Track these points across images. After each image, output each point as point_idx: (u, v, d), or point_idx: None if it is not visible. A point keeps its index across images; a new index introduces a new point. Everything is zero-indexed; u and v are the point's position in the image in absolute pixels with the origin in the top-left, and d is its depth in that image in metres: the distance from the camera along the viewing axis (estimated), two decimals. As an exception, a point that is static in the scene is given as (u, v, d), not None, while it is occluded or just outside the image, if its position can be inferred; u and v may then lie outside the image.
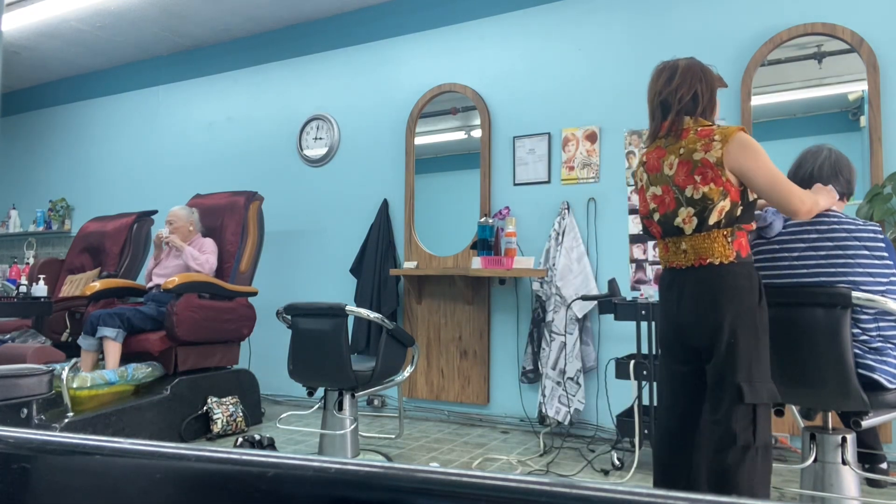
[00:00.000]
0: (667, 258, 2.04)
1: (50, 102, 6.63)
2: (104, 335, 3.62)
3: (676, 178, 1.95)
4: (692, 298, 1.94)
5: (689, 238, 1.95)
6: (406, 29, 4.67)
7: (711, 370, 1.91)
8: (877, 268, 2.06)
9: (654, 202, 2.03)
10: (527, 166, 4.16)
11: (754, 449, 1.84)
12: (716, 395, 1.90)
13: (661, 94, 2.03)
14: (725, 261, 1.90)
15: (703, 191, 1.89)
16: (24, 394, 2.25)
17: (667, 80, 2.03)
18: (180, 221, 4.15)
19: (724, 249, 1.90)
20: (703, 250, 1.92)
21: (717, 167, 1.88)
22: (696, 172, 1.90)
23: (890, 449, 2.97)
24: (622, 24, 3.95)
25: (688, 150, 1.93)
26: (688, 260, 1.95)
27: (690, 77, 2.01)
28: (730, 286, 1.89)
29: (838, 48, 3.39)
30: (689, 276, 1.95)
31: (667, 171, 1.98)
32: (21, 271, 5.12)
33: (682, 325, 1.98)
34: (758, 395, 1.85)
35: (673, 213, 1.96)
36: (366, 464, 0.43)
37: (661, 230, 2.02)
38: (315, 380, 3.17)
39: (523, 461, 3.33)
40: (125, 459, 0.49)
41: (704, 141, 1.91)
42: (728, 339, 1.86)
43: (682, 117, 1.99)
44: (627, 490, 0.38)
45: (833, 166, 2.19)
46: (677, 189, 1.95)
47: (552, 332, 3.78)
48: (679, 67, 2.03)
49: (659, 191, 2.00)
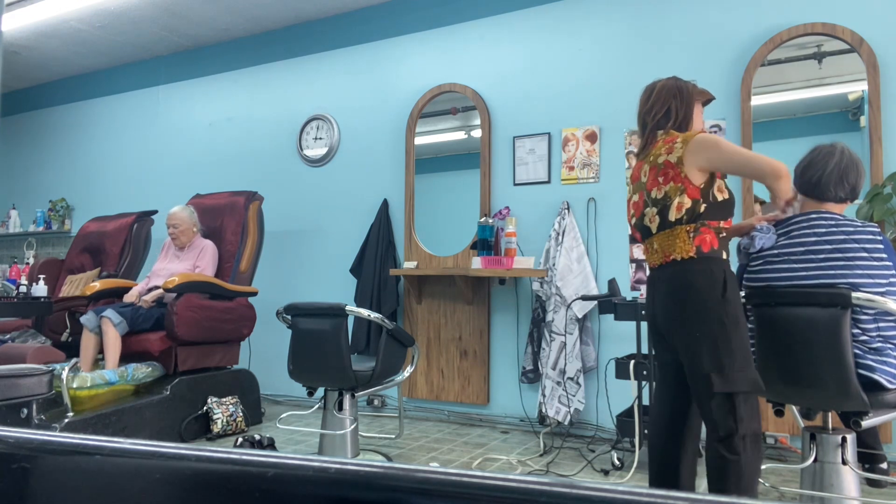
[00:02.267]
0: (647, 258, 2.16)
1: (50, 102, 6.63)
2: (106, 316, 3.61)
3: (648, 184, 2.10)
4: (661, 295, 2.07)
5: (657, 237, 2.07)
6: (406, 29, 4.67)
7: (684, 362, 2.00)
8: (876, 269, 2.06)
9: (633, 208, 2.19)
10: (527, 166, 4.16)
11: (739, 437, 1.87)
12: (693, 390, 2.00)
13: (640, 114, 2.22)
14: (686, 256, 1.99)
15: (664, 190, 2.03)
16: (24, 394, 2.25)
17: (645, 100, 2.20)
18: (184, 224, 4.15)
19: (685, 245, 1.99)
20: (667, 247, 2.03)
21: (676, 166, 2.00)
22: (660, 174, 2.05)
23: (890, 449, 2.97)
24: (622, 24, 3.95)
25: (655, 156, 2.09)
26: (658, 258, 2.08)
27: (665, 95, 2.15)
28: (687, 282, 1.98)
29: (838, 48, 3.39)
30: (659, 273, 2.08)
31: (643, 178, 2.14)
32: (21, 271, 5.12)
33: (656, 320, 2.11)
34: (731, 383, 1.88)
35: (643, 214, 2.12)
36: (366, 464, 0.43)
37: (640, 234, 2.17)
38: (315, 380, 3.17)
39: (523, 461, 3.33)
40: (125, 459, 0.49)
41: (668, 146, 2.06)
42: (691, 333, 1.95)
43: (656, 132, 2.15)
44: (627, 490, 0.38)
45: (841, 174, 2.15)
46: (647, 193, 2.10)
47: (552, 332, 3.78)
48: (655, 87, 2.18)
49: (637, 198, 2.17)
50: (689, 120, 2.15)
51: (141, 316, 3.76)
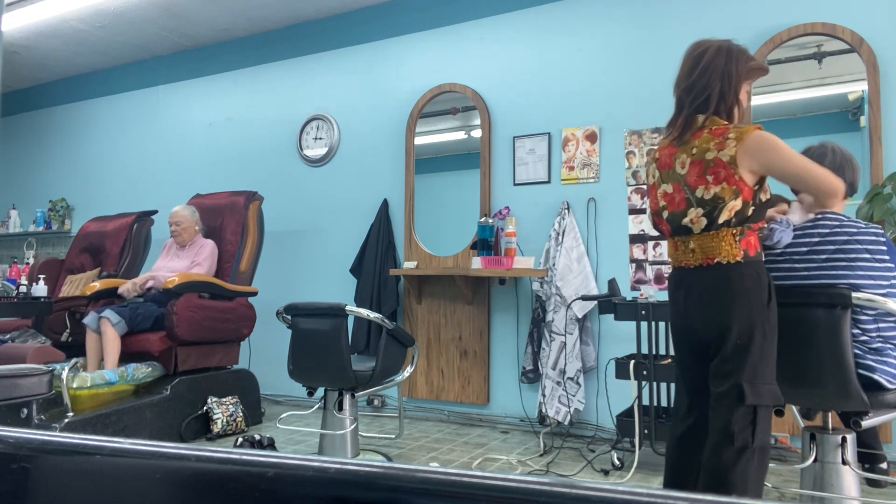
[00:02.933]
0: (676, 257, 2.01)
1: (50, 102, 6.63)
2: (105, 316, 3.62)
3: (688, 178, 1.90)
4: (699, 298, 1.92)
5: (696, 237, 1.91)
6: (406, 29, 4.67)
7: (715, 367, 1.89)
8: (878, 271, 2.06)
9: (664, 200, 1.99)
10: (527, 166, 4.16)
11: (751, 450, 1.82)
12: (717, 393, 1.88)
13: (679, 86, 1.97)
14: (732, 260, 1.86)
15: (714, 191, 1.85)
16: (24, 394, 2.25)
17: (687, 71, 1.95)
18: (187, 222, 4.17)
19: (732, 248, 1.86)
20: (710, 249, 1.89)
21: (730, 166, 1.83)
22: (708, 172, 1.86)
23: (890, 449, 2.97)
24: (622, 24, 3.95)
25: (700, 149, 1.88)
26: (695, 259, 1.92)
27: (710, 74, 1.91)
28: (737, 286, 1.85)
29: (838, 48, 3.39)
30: (697, 275, 1.92)
31: (679, 169, 1.93)
32: (21, 271, 5.12)
33: (689, 325, 1.96)
34: (760, 396, 1.83)
35: (682, 212, 1.93)
36: (366, 464, 0.43)
37: (669, 228, 1.99)
38: (315, 380, 3.17)
39: (523, 461, 3.33)
40: (125, 459, 0.49)
41: (718, 140, 1.86)
42: (735, 340, 1.83)
43: (696, 116, 1.93)
44: (627, 490, 0.38)
45: (837, 169, 2.15)
46: (688, 189, 1.90)
47: (552, 332, 3.77)
48: (702, 61, 1.92)
49: (670, 188, 1.96)
50: (734, 108, 1.95)
51: (140, 316, 3.76)
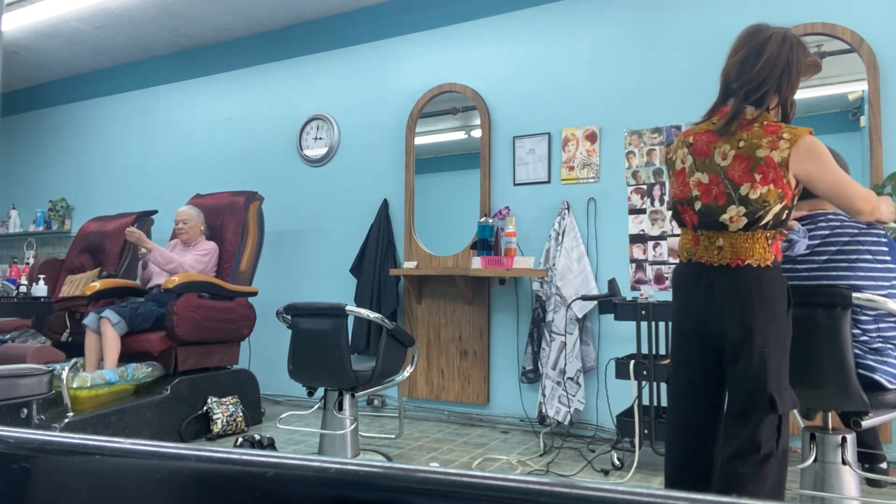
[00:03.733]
0: (694, 251, 1.88)
1: (50, 102, 6.63)
2: (105, 316, 3.62)
3: (731, 172, 1.79)
4: (724, 298, 1.81)
5: (729, 235, 1.81)
6: (406, 29, 4.67)
7: (739, 376, 1.80)
8: (879, 271, 2.06)
9: (697, 189, 1.85)
10: (527, 166, 4.16)
11: (775, 457, 1.79)
12: (742, 403, 1.80)
13: (728, 74, 1.87)
14: (763, 264, 1.79)
15: (760, 191, 1.76)
16: (24, 394, 2.25)
17: (742, 60, 1.84)
18: (193, 221, 4.20)
19: (765, 252, 1.79)
20: (743, 250, 1.79)
21: (780, 168, 1.75)
22: (756, 170, 1.76)
23: (890, 449, 2.97)
24: (622, 24, 3.95)
25: (750, 144, 1.77)
26: (722, 258, 1.81)
27: (771, 66, 1.81)
28: (765, 291, 1.79)
29: (838, 48, 3.39)
30: (723, 274, 1.81)
31: (719, 160, 1.81)
32: (21, 271, 5.12)
33: (708, 326, 1.85)
34: (786, 404, 1.79)
35: (720, 208, 1.81)
36: (366, 464, 0.43)
37: (697, 220, 1.86)
38: (315, 380, 3.17)
39: (523, 461, 3.33)
40: (125, 459, 0.49)
41: (771, 138, 1.76)
42: (761, 347, 1.77)
43: (745, 107, 1.82)
44: (627, 490, 0.38)
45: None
46: (731, 184, 1.79)
47: (552, 332, 3.77)
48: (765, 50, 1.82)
49: (706, 179, 1.84)
50: (789, 106, 1.86)
51: (140, 316, 3.76)
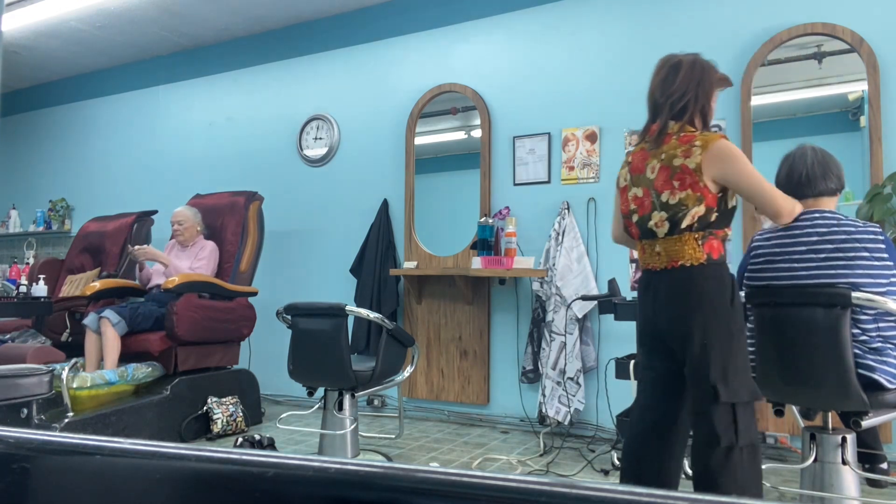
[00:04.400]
0: (643, 260, 2.07)
1: (50, 102, 6.62)
2: (105, 316, 3.62)
3: (656, 183, 1.97)
4: (665, 300, 1.97)
5: (661, 241, 1.98)
6: (406, 29, 4.67)
7: (688, 371, 1.94)
8: (877, 269, 2.06)
9: (634, 203, 2.05)
10: (527, 166, 4.16)
11: (738, 449, 1.84)
12: (694, 396, 1.93)
13: (654, 93, 2.04)
14: (695, 262, 1.92)
15: (679, 196, 1.91)
16: (24, 394, 2.25)
17: (662, 79, 2.02)
18: (189, 222, 4.19)
19: (695, 252, 1.92)
20: (674, 253, 1.95)
21: (695, 173, 1.89)
22: (674, 178, 1.92)
23: (890, 449, 2.97)
24: (622, 24, 3.95)
25: (668, 155, 1.95)
26: (661, 262, 1.99)
27: (687, 82, 1.99)
28: (700, 288, 1.92)
29: (838, 48, 3.39)
30: (663, 277, 1.98)
31: (649, 174, 1.99)
32: (21, 271, 5.12)
33: (657, 326, 2.01)
34: (735, 394, 1.86)
35: (648, 216, 2.00)
36: (366, 464, 0.43)
37: (638, 232, 2.06)
38: (315, 380, 3.17)
39: (523, 461, 3.33)
40: (125, 459, 0.49)
41: (685, 147, 1.92)
42: (701, 341, 1.88)
43: (669, 122, 1.99)
44: (627, 490, 0.38)
45: (823, 165, 2.20)
46: (655, 193, 1.97)
47: (552, 332, 3.77)
48: (680, 69, 2.00)
49: (640, 192, 2.02)
50: (707, 113, 2.02)
51: (140, 316, 3.76)
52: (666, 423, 2.04)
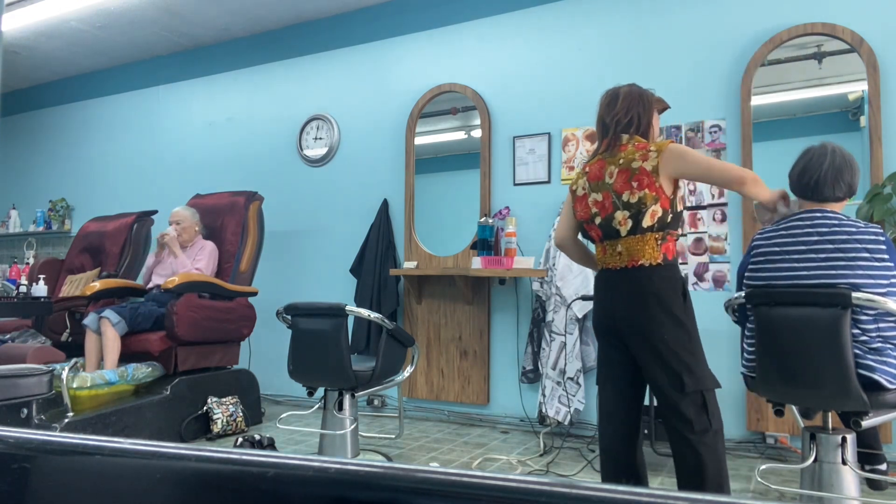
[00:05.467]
0: (604, 260, 2.20)
1: (50, 102, 6.63)
2: (105, 316, 3.62)
3: (615, 185, 2.13)
4: (624, 297, 2.11)
5: (624, 240, 2.12)
6: (406, 29, 4.67)
7: (649, 366, 2.07)
8: (877, 270, 2.06)
9: (595, 207, 2.19)
10: (527, 166, 4.16)
11: (712, 432, 2.00)
12: (659, 389, 2.06)
13: (603, 117, 2.27)
14: (654, 262, 2.08)
15: (638, 195, 2.08)
16: (24, 394, 2.25)
17: (607, 104, 2.27)
18: (187, 222, 4.19)
19: (654, 252, 2.08)
20: (635, 252, 2.10)
21: (652, 174, 2.07)
22: (633, 179, 2.10)
23: (890, 449, 2.97)
24: (622, 24, 3.95)
25: (627, 159, 2.13)
26: (621, 261, 2.13)
27: (629, 102, 2.22)
28: (657, 287, 2.07)
29: (838, 48, 3.39)
30: (623, 276, 2.12)
31: (607, 179, 2.16)
32: (21, 271, 5.12)
33: (615, 322, 2.14)
34: (700, 381, 2.03)
35: (611, 215, 2.14)
36: (366, 464, 0.43)
37: (601, 233, 2.19)
38: (315, 380, 3.17)
39: (523, 461, 3.33)
40: (125, 459, 0.49)
41: (642, 152, 2.12)
42: (661, 336, 2.03)
43: (620, 135, 2.21)
44: (627, 490, 0.38)
45: (836, 172, 2.16)
46: (615, 194, 2.13)
47: (552, 332, 3.78)
48: (620, 94, 2.25)
49: (600, 197, 2.18)
50: (650, 127, 2.25)
51: (140, 316, 3.76)
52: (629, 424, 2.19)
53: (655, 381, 2.07)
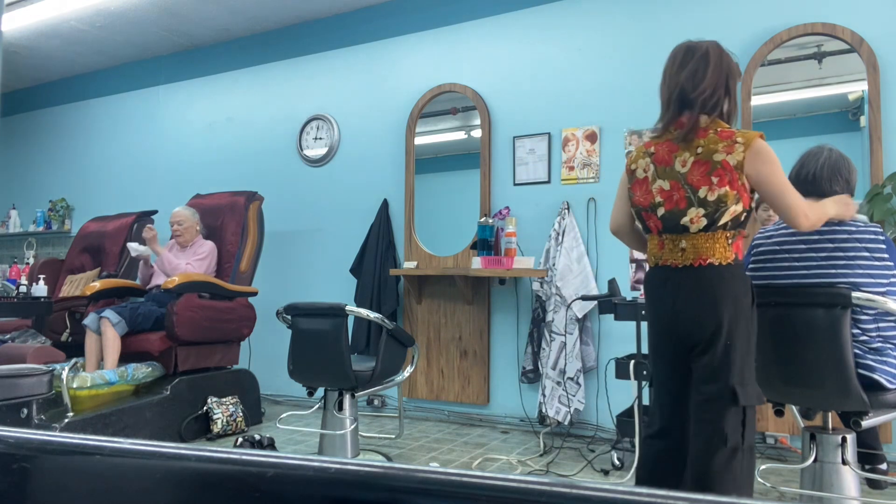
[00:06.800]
0: (660, 255, 1.98)
1: (50, 102, 6.62)
2: (105, 316, 3.63)
3: (690, 177, 1.90)
4: (690, 297, 1.91)
5: (690, 236, 1.91)
6: (406, 29, 4.67)
7: (703, 368, 1.89)
8: (877, 269, 2.06)
9: (660, 196, 1.96)
10: (527, 166, 4.16)
11: (742, 451, 1.84)
12: (706, 394, 1.88)
13: (681, 85, 1.95)
14: (724, 262, 1.88)
15: (718, 193, 1.86)
16: (24, 394, 2.25)
17: (694, 71, 1.94)
18: (188, 222, 4.19)
19: (725, 251, 1.88)
20: (704, 250, 1.89)
21: (736, 170, 1.85)
22: (714, 174, 1.86)
23: (890, 449, 2.97)
24: (622, 24, 3.95)
25: (707, 149, 1.88)
26: (685, 258, 1.92)
27: (717, 76, 1.93)
28: (729, 288, 1.87)
29: (838, 48, 3.39)
30: (688, 274, 1.91)
31: (679, 167, 1.92)
32: (21, 271, 5.12)
33: (677, 323, 1.94)
34: (749, 397, 1.85)
35: (681, 211, 1.92)
36: (366, 464, 0.43)
37: (661, 225, 1.97)
38: (315, 380, 3.17)
39: (523, 461, 3.33)
40: (125, 459, 0.49)
41: (726, 143, 1.87)
42: (725, 341, 1.85)
43: (700, 116, 1.93)
44: (627, 490, 0.38)
45: (833, 167, 2.19)
46: (690, 188, 1.90)
47: (552, 332, 3.77)
48: (708, 60, 1.93)
49: (667, 185, 1.94)
50: (735, 108, 1.97)
51: (140, 316, 3.76)
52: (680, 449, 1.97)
53: (706, 388, 1.88)
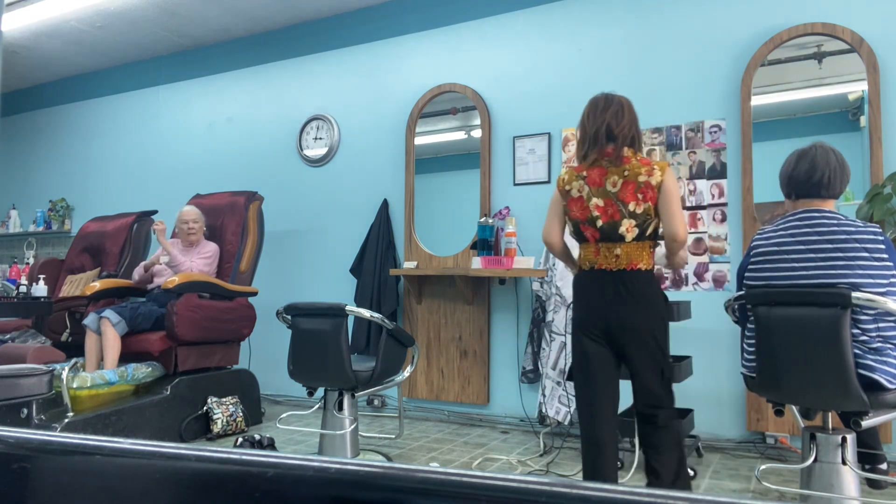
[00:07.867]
0: (595, 260, 2.36)
1: (50, 102, 6.63)
2: (105, 316, 3.63)
3: (621, 194, 2.30)
4: (622, 297, 2.30)
5: (625, 245, 2.30)
6: (406, 29, 4.67)
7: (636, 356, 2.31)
8: (877, 269, 2.06)
9: (596, 211, 2.34)
10: (527, 166, 4.16)
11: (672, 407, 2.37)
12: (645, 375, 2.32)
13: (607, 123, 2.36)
14: (647, 267, 2.31)
15: (643, 207, 2.27)
16: (24, 394, 2.25)
17: (615, 113, 2.36)
18: (200, 222, 4.21)
19: (649, 258, 2.31)
20: (635, 257, 2.29)
21: (655, 189, 2.26)
22: (639, 191, 2.27)
23: (890, 449, 2.97)
24: (622, 24, 3.95)
25: (633, 172, 2.29)
26: (619, 264, 2.31)
27: (631, 118, 2.39)
28: (651, 289, 2.32)
29: (838, 48, 3.39)
30: (619, 277, 2.30)
31: (609, 187, 2.32)
32: (21, 271, 5.12)
33: (607, 317, 2.31)
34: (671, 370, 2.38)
35: (617, 223, 2.30)
36: (366, 464, 0.43)
37: (598, 235, 2.34)
38: (315, 380, 3.17)
39: (523, 461, 3.33)
40: (125, 459, 0.49)
41: (647, 168, 2.29)
42: (652, 332, 2.30)
43: (623, 147, 2.34)
44: (627, 490, 0.38)
45: (842, 169, 2.22)
46: (621, 203, 2.29)
47: (552, 332, 3.77)
48: (624, 106, 2.38)
49: (601, 202, 2.32)
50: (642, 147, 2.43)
51: (140, 316, 3.76)
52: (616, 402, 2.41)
53: (639, 370, 2.32)
